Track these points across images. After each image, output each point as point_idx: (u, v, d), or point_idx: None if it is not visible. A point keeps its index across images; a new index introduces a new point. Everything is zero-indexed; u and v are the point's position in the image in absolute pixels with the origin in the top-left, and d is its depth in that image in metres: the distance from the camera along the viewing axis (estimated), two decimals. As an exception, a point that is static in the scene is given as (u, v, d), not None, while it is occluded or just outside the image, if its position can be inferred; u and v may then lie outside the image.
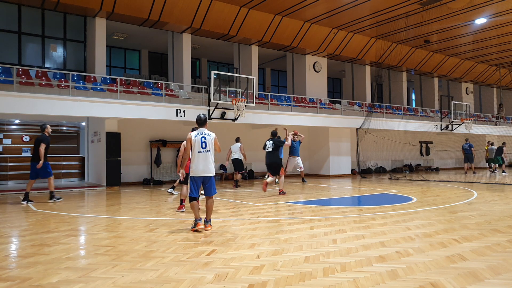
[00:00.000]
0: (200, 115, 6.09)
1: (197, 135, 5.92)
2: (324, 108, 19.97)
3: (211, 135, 5.98)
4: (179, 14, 15.85)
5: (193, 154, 5.90)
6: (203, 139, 5.88)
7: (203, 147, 5.86)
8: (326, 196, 10.85)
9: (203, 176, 5.90)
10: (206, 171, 5.87)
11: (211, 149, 5.93)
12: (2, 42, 15.06)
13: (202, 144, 5.86)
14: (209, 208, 6.00)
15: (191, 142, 5.90)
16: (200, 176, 5.89)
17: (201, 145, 5.86)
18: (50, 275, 3.76)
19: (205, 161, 5.86)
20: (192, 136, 5.91)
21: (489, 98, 31.86)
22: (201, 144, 5.86)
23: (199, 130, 6.00)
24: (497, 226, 5.99)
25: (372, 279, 3.55)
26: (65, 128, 17.96)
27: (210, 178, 5.92)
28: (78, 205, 9.36)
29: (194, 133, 5.95)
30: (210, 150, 5.90)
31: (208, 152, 5.88)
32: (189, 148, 5.95)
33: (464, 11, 17.44)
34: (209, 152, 5.89)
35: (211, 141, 5.93)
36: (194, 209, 5.92)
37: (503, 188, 12.21)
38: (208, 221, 6.00)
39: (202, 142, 5.87)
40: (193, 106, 14.64)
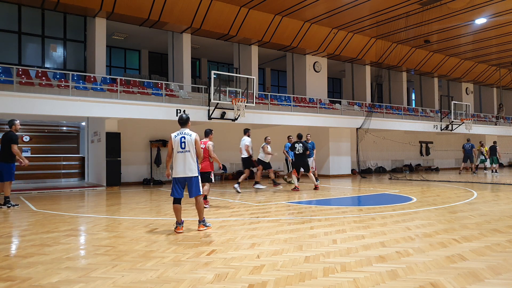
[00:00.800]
0: (182, 115, 6.03)
1: (176, 135, 5.85)
2: (324, 108, 19.97)
3: (191, 135, 5.85)
4: (179, 14, 15.85)
5: (174, 155, 5.85)
6: (183, 139, 5.80)
7: (182, 147, 5.78)
8: (326, 196, 10.85)
9: (184, 177, 5.81)
10: (186, 172, 5.78)
11: (191, 149, 5.80)
12: (2, 42, 15.07)
13: (182, 144, 5.78)
14: (198, 209, 5.98)
15: (172, 142, 5.85)
16: (181, 177, 5.81)
17: (180, 145, 5.78)
18: (50, 275, 3.76)
19: (184, 162, 5.77)
20: (172, 137, 5.86)
21: (489, 98, 31.87)
22: (180, 144, 5.78)
23: (180, 130, 5.92)
24: (497, 226, 5.99)
25: (372, 279, 3.55)
26: (65, 128, 17.96)
27: (191, 179, 5.82)
28: (78, 205, 9.36)
29: (174, 134, 5.89)
30: (190, 150, 5.79)
31: (187, 152, 5.78)
32: (171, 149, 5.87)
33: (464, 11, 17.45)
34: (188, 152, 5.78)
35: (191, 141, 5.81)
36: (175, 212, 5.87)
37: (503, 188, 12.21)
38: (200, 221, 6.00)
39: (181, 142, 5.79)
40: (193, 106, 14.64)
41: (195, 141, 5.83)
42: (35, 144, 17.47)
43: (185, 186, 5.94)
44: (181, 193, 5.86)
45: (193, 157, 5.81)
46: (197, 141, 5.86)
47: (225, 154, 18.12)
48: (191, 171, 5.80)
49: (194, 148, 5.83)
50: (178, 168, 5.79)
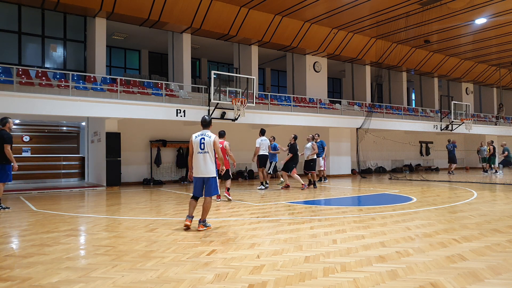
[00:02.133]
0: (205, 117, 6.21)
1: (196, 136, 6.03)
2: (324, 108, 19.97)
3: (211, 136, 5.99)
4: (179, 14, 15.85)
5: (194, 155, 6.02)
6: (202, 140, 5.96)
7: (201, 148, 5.95)
8: (326, 196, 10.85)
9: (203, 177, 5.96)
10: (204, 172, 5.93)
11: (210, 151, 5.95)
12: (2, 42, 15.07)
13: (201, 145, 5.95)
14: (204, 208, 6.04)
15: (192, 143, 6.03)
16: (200, 177, 5.97)
17: (199, 146, 5.96)
18: (50, 275, 3.76)
19: (204, 162, 5.92)
20: (193, 137, 6.05)
21: (489, 98, 31.86)
22: (200, 145, 5.96)
23: (201, 132, 6.08)
24: (497, 226, 5.99)
25: (372, 279, 3.55)
26: (65, 128, 17.96)
27: (209, 179, 5.97)
28: (78, 205, 9.36)
29: (194, 135, 6.06)
30: (209, 152, 5.94)
31: (206, 154, 5.93)
32: (191, 150, 6.05)
33: (464, 11, 17.45)
34: (207, 153, 5.93)
35: (210, 142, 5.95)
36: (189, 205, 6.10)
37: (503, 188, 12.21)
38: (201, 221, 6.03)
39: (200, 143, 5.95)
40: (193, 106, 14.64)
41: (213, 142, 5.97)
42: (35, 144, 17.47)
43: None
44: (199, 192, 6.06)
45: (211, 158, 5.97)
46: (215, 142, 5.99)
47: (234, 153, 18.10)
48: (209, 172, 5.95)
49: (213, 150, 5.98)
50: (198, 168, 5.97)
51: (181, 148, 16.65)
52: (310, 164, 13.00)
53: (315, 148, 12.99)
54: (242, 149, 18.61)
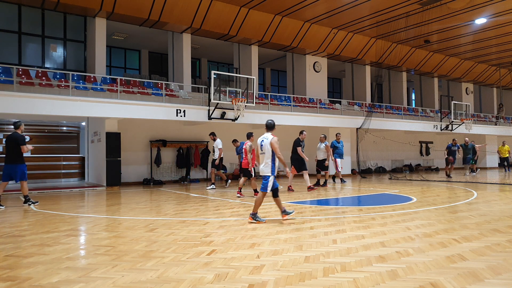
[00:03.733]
0: (269, 121, 6.91)
1: (259, 139, 6.81)
2: (324, 108, 19.97)
3: (268, 138, 6.64)
4: (179, 14, 15.85)
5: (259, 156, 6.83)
6: (261, 143, 6.71)
7: (261, 149, 6.71)
8: (326, 196, 10.85)
9: (262, 175, 6.64)
10: (263, 171, 6.63)
11: (267, 152, 6.59)
12: (2, 42, 15.07)
13: (261, 147, 6.72)
14: (255, 202, 6.60)
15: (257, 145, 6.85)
16: (261, 175, 6.69)
17: (260, 148, 6.73)
18: (50, 275, 3.76)
19: (262, 162, 6.66)
20: (257, 141, 6.86)
21: (489, 98, 31.87)
22: (260, 147, 6.73)
23: (263, 135, 6.78)
24: (497, 226, 5.99)
25: (372, 279, 3.55)
26: (65, 128, 17.97)
27: (264, 177, 6.59)
28: (78, 205, 9.36)
29: (259, 138, 6.83)
30: (265, 153, 6.61)
31: (263, 154, 6.66)
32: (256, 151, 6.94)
33: (464, 11, 17.45)
34: (264, 154, 6.63)
35: (267, 144, 6.60)
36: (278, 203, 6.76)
37: (503, 188, 12.21)
38: (251, 214, 6.55)
39: (261, 145, 6.72)
40: (193, 106, 14.64)
41: (270, 144, 6.57)
42: (35, 144, 17.43)
43: None
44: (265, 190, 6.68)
45: (267, 158, 6.60)
46: (272, 143, 6.56)
47: (225, 154, 18.10)
48: (264, 171, 6.62)
49: (270, 150, 6.57)
50: (260, 167, 6.74)
51: (181, 148, 16.65)
52: (323, 164, 12.97)
53: (329, 149, 13.01)
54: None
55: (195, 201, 9.70)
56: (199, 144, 17.19)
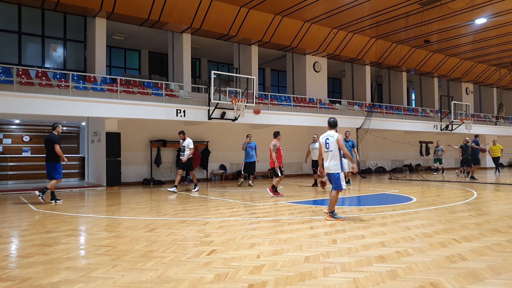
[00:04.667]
0: (331, 119, 6.92)
1: (323, 137, 6.84)
2: (324, 108, 19.97)
3: (334, 136, 6.67)
4: (179, 14, 15.85)
5: (323, 154, 6.91)
6: (327, 140, 6.74)
7: (327, 147, 6.73)
8: (326, 196, 10.84)
9: (329, 173, 6.75)
10: (330, 169, 6.69)
11: (334, 149, 6.63)
12: (2, 42, 15.07)
13: (326, 145, 6.74)
14: (330, 200, 6.71)
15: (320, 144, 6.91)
16: (327, 173, 6.79)
17: (325, 146, 6.76)
18: (50, 275, 3.76)
19: (329, 160, 6.68)
20: (320, 139, 6.93)
21: (489, 98, 31.87)
22: (325, 145, 6.75)
23: (327, 133, 6.81)
24: (497, 226, 5.99)
25: (372, 279, 3.55)
26: (65, 128, 17.94)
27: (333, 175, 6.67)
28: (78, 205, 9.36)
29: (321, 136, 6.90)
30: (333, 150, 6.64)
31: (330, 152, 6.67)
32: (320, 149, 6.98)
33: (464, 11, 17.45)
34: (331, 151, 6.66)
35: (334, 142, 6.63)
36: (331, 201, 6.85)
37: (503, 188, 12.21)
38: (329, 212, 6.65)
39: (326, 143, 6.75)
40: (193, 106, 14.64)
41: (337, 141, 6.62)
42: (35, 144, 17.47)
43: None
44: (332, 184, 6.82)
45: (335, 156, 6.64)
46: (339, 140, 6.60)
47: (225, 154, 18.15)
48: (332, 169, 6.66)
49: (337, 148, 6.62)
50: (326, 165, 6.79)
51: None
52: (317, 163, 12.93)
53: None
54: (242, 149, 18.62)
55: (195, 201, 9.70)
56: (199, 144, 17.19)
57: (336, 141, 6.60)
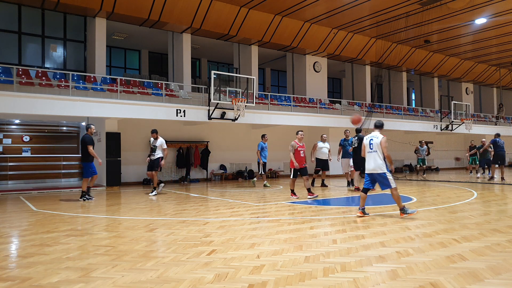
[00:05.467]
0: (376, 121, 7.17)
1: (367, 138, 7.02)
2: (324, 108, 19.97)
3: (378, 137, 6.88)
4: (179, 14, 15.85)
5: (366, 154, 7.00)
6: (371, 141, 6.93)
7: (370, 148, 6.90)
8: (326, 196, 10.84)
9: (373, 173, 6.84)
10: (375, 169, 6.80)
11: (378, 150, 6.80)
12: (2, 42, 15.07)
13: (370, 146, 6.91)
14: (394, 200, 6.78)
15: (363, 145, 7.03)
16: (371, 173, 6.88)
17: (369, 146, 6.92)
18: (50, 275, 3.76)
19: (373, 160, 6.82)
20: (364, 140, 7.09)
21: (489, 98, 31.87)
22: (369, 146, 6.92)
23: (371, 134, 7.01)
24: (497, 226, 5.99)
25: (372, 279, 3.55)
26: (65, 128, 17.95)
27: (379, 175, 6.80)
28: (78, 205, 9.36)
29: (365, 137, 7.07)
30: (377, 151, 6.81)
31: (374, 153, 6.84)
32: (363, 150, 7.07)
33: (464, 11, 17.45)
34: (375, 152, 6.82)
35: (377, 143, 6.83)
36: (361, 198, 6.99)
37: (503, 188, 12.21)
38: (400, 209, 6.73)
39: (370, 144, 6.92)
40: (193, 106, 14.64)
41: (380, 142, 6.83)
42: (35, 144, 17.47)
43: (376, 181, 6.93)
44: (369, 184, 6.98)
45: (380, 156, 6.79)
46: (382, 143, 6.82)
47: (225, 154, 18.15)
48: (378, 168, 6.79)
49: (381, 149, 6.80)
50: (369, 166, 6.91)
51: (181, 148, 16.65)
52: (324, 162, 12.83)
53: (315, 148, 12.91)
54: (242, 149, 18.63)
55: (195, 201, 9.70)
56: (199, 144, 17.19)
57: (380, 143, 6.81)
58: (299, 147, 9.84)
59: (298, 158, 9.74)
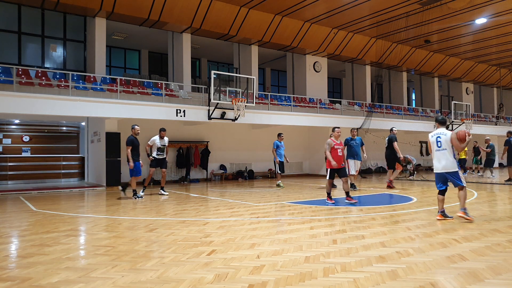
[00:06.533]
0: (440, 116, 6.74)
1: (433, 135, 6.57)
2: (324, 108, 19.96)
3: (446, 134, 6.45)
4: (179, 14, 15.85)
5: (433, 153, 6.57)
6: (438, 139, 6.49)
7: (438, 146, 6.47)
8: (326, 196, 10.82)
9: (443, 172, 6.45)
10: (445, 167, 6.41)
11: (448, 147, 6.39)
12: (2, 42, 15.07)
13: (438, 143, 6.49)
14: (460, 197, 6.48)
15: (429, 143, 6.60)
16: (441, 172, 6.48)
17: (437, 144, 6.49)
18: (50, 275, 3.76)
19: (443, 158, 6.40)
20: (429, 137, 6.62)
21: (489, 98, 31.86)
22: (437, 144, 6.50)
23: (437, 131, 6.58)
24: (497, 226, 5.98)
25: (372, 279, 3.55)
26: (65, 128, 17.96)
27: (451, 173, 6.41)
28: (78, 205, 9.36)
29: (430, 134, 6.61)
30: (446, 148, 6.40)
31: (444, 150, 6.41)
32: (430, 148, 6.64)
33: (464, 11, 17.44)
34: (445, 150, 6.40)
35: (447, 140, 6.40)
36: (438, 201, 6.58)
37: (503, 188, 12.20)
38: (461, 209, 6.43)
39: (437, 141, 6.50)
40: (193, 106, 14.63)
41: (450, 139, 6.40)
42: (35, 144, 17.47)
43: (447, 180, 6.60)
44: (442, 186, 6.58)
45: (450, 154, 6.41)
46: (452, 139, 6.38)
47: (225, 154, 18.14)
48: (449, 167, 6.40)
49: (451, 146, 6.40)
50: (439, 165, 6.49)
51: (181, 148, 16.64)
52: None
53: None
54: (242, 149, 18.63)
55: (195, 201, 9.69)
56: (199, 144, 17.19)
57: (450, 140, 6.40)
58: (335, 145, 8.96)
59: (336, 157, 8.85)
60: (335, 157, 8.87)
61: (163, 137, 10.99)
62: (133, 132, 10.30)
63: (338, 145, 9.00)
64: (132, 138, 10.17)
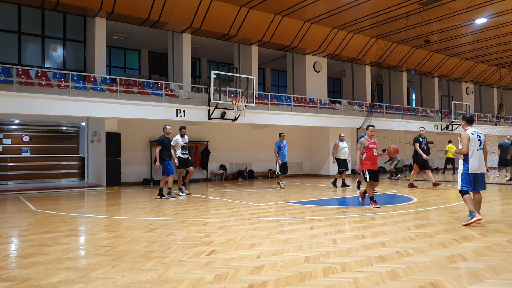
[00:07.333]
0: (467, 115, 6.44)
1: (473, 133, 6.20)
2: (324, 108, 19.96)
3: (483, 135, 6.32)
4: (179, 14, 15.85)
5: (472, 152, 6.14)
6: (479, 137, 6.21)
7: (480, 145, 6.20)
8: (326, 196, 10.84)
9: (477, 173, 6.16)
10: (481, 168, 6.17)
11: (485, 148, 6.28)
12: (2, 42, 15.06)
13: (480, 143, 6.20)
14: (477, 202, 6.22)
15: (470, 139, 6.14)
16: (475, 173, 6.15)
17: (479, 143, 6.20)
18: (50, 275, 3.76)
19: (480, 159, 6.17)
20: (470, 134, 6.17)
21: (489, 98, 31.87)
22: (479, 143, 6.19)
23: (474, 129, 6.29)
24: (497, 226, 5.98)
25: (372, 279, 3.54)
26: (65, 128, 17.96)
27: (483, 175, 6.23)
28: (78, 205, 9.36)
29: (471, 132, 6.20)
30: (483, 148, 6.26)
31: (481, 150, 6.20)
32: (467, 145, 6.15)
33: (464, 11, 17.44)
34: (482, 150, 6.22)
35: (484, 140, 6.29)
36: (467, 202, 6.18)
37: (503, 188, 12.20)
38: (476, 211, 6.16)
39: (479, 140, 6.19)
40: (193, 106, 14.64)
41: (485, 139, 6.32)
42: (35, 144, 17.47)
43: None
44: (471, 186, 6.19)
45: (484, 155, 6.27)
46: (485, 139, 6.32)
47: (225, 154, 18.14)
48: (482, 168, 6.19)
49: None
50: (476, 165, 6.12)
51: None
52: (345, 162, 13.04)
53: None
54: (242, 149, 18.63)
55: (195, 201, 9.69)
56: (199, 144, 17.18)
57: (484, 140, 6.26)
58: (370, 144, 8.40)
59: (372, 158, 8.23)
60: (371, 157, 8.24)
61: (183, 135, 10.91)
62: (165, 132, 10.23)
63: (373, 144, 8.45)
64: (162, 138, 10.13)
